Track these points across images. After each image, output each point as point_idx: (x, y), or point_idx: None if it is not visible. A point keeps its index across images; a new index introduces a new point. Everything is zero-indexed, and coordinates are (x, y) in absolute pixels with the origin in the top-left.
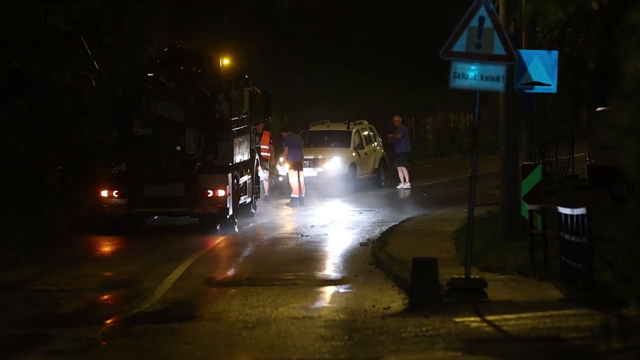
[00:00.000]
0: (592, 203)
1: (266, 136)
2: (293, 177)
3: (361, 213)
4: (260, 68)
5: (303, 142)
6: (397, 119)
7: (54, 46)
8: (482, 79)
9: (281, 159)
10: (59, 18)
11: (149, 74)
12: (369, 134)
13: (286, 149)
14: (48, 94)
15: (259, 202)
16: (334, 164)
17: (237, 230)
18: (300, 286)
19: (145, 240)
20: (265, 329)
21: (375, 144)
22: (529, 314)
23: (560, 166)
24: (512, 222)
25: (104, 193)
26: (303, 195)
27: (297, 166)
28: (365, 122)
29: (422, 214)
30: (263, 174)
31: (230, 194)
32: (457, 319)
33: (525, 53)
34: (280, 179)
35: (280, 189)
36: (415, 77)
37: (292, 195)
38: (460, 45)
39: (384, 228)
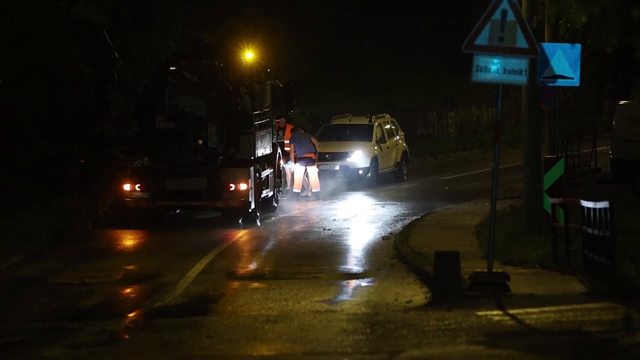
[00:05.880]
0: (615, 196)
1: (289, 130)
2: (299, 171)
3: (383, 207)
4: (283, 62)
5: (328, 135)
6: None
7: (78, 40)
8: (504, 72)
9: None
10: (94, 9)
11: (171, 68)
12: (391, 127)
13: (292, 147)
14: (70, 88)
15: (281, 195)
16: (355, 158)
17: (259, 223)
18: (322, 280)
19: (167, 234)
20: (288, 322)
21: (397, 137)
22: (551, 308)
23: (582, 160)
24: (534, 216)
25: (126, 187)
26: (318, 190)
27: (306, 161)
28: (388, 115)
29: (444, 207)
30: (287, 167)
31: (253, 188)
32: (480, 313)
33: (548, 46)
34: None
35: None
36: (437, 71)
37: (313, 190)
38: (482, 39)
39: (406, 222)
